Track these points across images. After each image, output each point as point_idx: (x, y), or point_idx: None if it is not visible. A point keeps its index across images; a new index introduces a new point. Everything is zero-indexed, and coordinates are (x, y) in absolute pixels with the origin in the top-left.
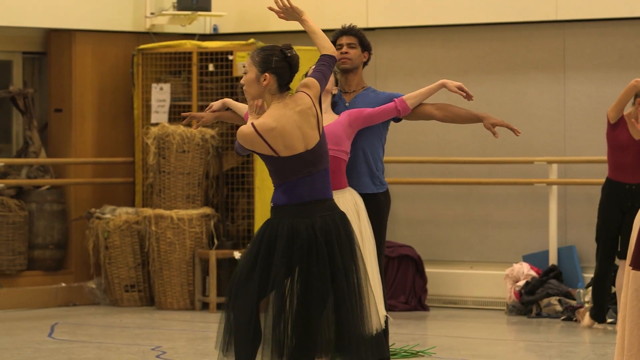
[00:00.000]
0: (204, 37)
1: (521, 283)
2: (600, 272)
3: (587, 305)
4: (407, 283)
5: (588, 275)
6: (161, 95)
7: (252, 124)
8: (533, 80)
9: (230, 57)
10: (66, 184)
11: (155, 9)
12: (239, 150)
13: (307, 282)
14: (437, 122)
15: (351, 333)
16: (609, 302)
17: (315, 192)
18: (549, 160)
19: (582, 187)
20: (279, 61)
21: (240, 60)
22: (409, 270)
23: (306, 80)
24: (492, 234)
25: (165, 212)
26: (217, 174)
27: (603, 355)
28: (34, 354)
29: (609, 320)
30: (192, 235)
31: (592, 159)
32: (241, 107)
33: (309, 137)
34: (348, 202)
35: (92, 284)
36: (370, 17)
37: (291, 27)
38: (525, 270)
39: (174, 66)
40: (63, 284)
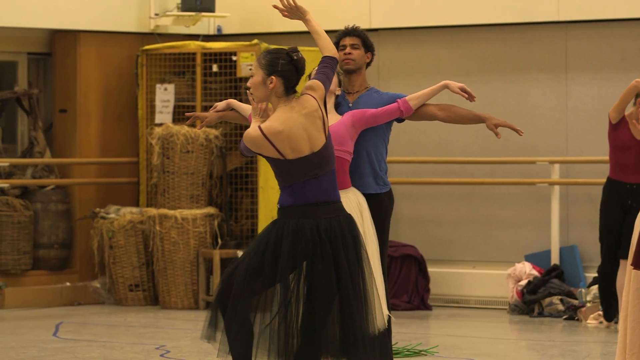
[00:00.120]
0: (207, 37)
1: (523, 282)
2: (603, 271)
3: (589, 304)
4: (409, 282)
5: (590, 275)
6: (165, 95)
7: (259, 127)
8: (535, 81)
9: (234, 58)
10: (71, 184)
11: (159, 10)
12: (244, 152)
13: (312, 283)
14: (439, 122)
15: (356, 334)
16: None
17: (321, 194)
18: (551, 160)
19: (584, 187)
20: (285, 64)
21: (244, 61)
22: (411, 269)
23: (311, 82)
24: (494, 233)
25: (170, 212)
26: (221, 174)
27: (605, 354)
28: (39, 353)
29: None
30: (196, 235)
31: (594, 159)
32: (245, 108)
33: (315, 139)
34: (351, 202)
35: (96, 284)
36: (373, 18)
37: (295, 27)
38: (527, 270)
39: (178, 67)
40: (68, 284)
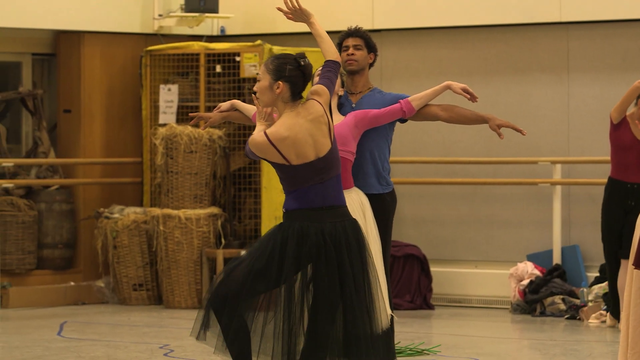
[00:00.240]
0: (211, 38)
1: (525, 282)
2: (611, 272)
3: (591, 304)
4: (412, 282)
5: (591, 274)
6: (169, 96)
7: (265, 132)
8: (537, 82)
9: (237, 59)
10: (75, 184)
11: (163, 10)
12: (250, 155)
13: (315, 286)
14: (442, 123)
15: (359, 336)
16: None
17: (327, 198)
18: (553, 160)
19: (586, 187)
20: (292, 70)
21: (247, 62)
22: (414, 269)
23: (316, 87)
24: (496, 233)
25: (173, 212)
26: (224, 174)
27: (607, 354)
28: (44, 352)
29: None
30: (200, 235)
31: (596, 159)
32: (249, 109)
33: (321, 145)
34: (354, 202)
35: (100, 283)
36: (376, 18)
37: (298, 28)
38: (529, 270)
39: (182, 67)
40: (72, 283)
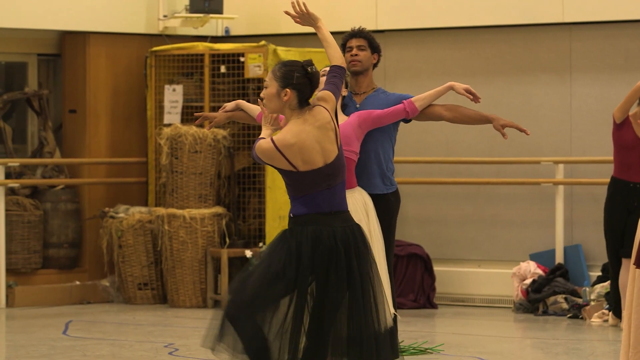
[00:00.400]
0: (215, 39)
1: (528, 281)
2: (614, 271)
3: (593, 303)
4: (415, 281)
5: (594, 274)
6: (174, 96)
7: (272, 139)
8: (540, 82)
9: (241, 59)
10: (80, 184)
11: (168, 11)
12: (257, 160)
13: (324, 289)
14: (445, 123)
15: (363, 337)
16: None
17: (334, 204)
18: (556, 160)
19: (588, 186)
20: (300, 77)
21: (252, 62)
22: (417, 268)
23: (322, 93)
24: (499, 233)
25: (178, 212)
26: (228, 174)
27: (609, 353)
28: (49, 351)
29: None
30: (204, 234)
31: (598, 159)
32: (254, 109)
33: (328, 151)
34: (357, 202)
35: (105, 282)
36: (379, 19)
37: (301, 29)
38: (532, 269)
39: (187, 68)
40: (77, 282)
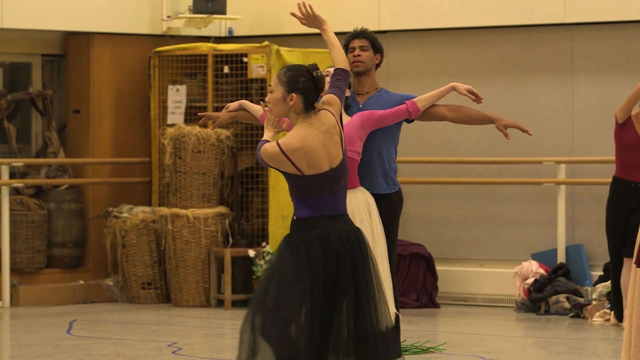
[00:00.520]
0: (219, 39)
1: (530, 281)
2: (615, 271)
3: (595, 302)
4: (418, 281)
5: (595, 273)
6: (177, 96)
7: (277, 143)
8: (542, 82)
9: (245, 59)
10: (84, 184)
11: (171, 12)
12: (261, 163)
13: (333, 290)
14: (448, 123)
15: (368, 336)
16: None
17: (337, 207)
18: (558, 160)
19: (590, 186)
20: (306, 82)
21: (255, 62)
22: (420, 268)
23: (328, 97)
24: (501, 232)
25: (181, 211)
26: (232, 174)
27: (610, 352)
28: (53, 350)
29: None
30: (208, 234)
31: (600, 159)
32: (257, 109)
33: (333, 156)
34: (360, 201)
35: (109, 282)
36: (381, 20)
37: (304, 30)
38: (534, 268)
39: (190, 68)
40: (81, 282)
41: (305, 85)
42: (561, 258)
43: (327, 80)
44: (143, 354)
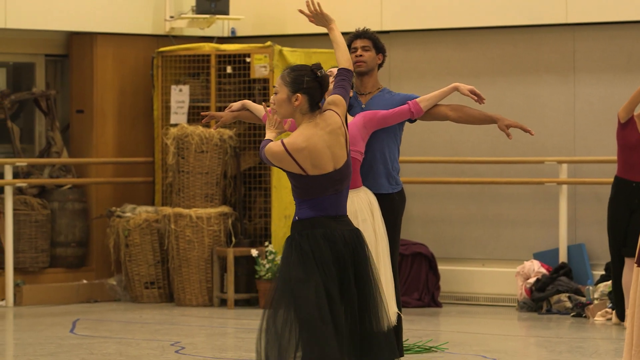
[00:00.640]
0: (222, 39)
1: (532, 280)
2: (616, 270)
3: (597, 302)
4: (420, 280)
5: (597, 273)
6: (180, 96)
7: (282, 142)
8: (544, 82)
9: (247, 60)
10: (87, 184)
11: (174, 12)
12: (265, 161)
13: (340, 289)
14: (450, 123)
15: (369, 337)
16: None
17: (339, 208)
18: (559, 160)
19: (592, 186)
20: (310, 81)
21: (258, 63)
22: (422, 267)
23: (333, 98)
24: (503, 232)
25: (184, 211)
26: (234, 174)
27: (612, 351)
28: (56, 349)
29: None
30: (211, 234)
31: (601, 159)
32: (260, 109)
33: (338, 157)
34: (362, 201)
35: (112, 281)
36: (384, 20)
37: (307, 30)
38: (535, 268)
39: (193, 68)
40: (84, 281)
41: (309, 85)
42: (563, 257)
43: (330, 81)
44: (146, 353)
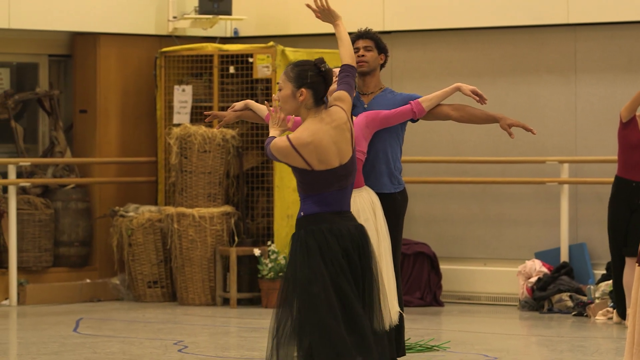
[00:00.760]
0: (224, 40)
1: (533, 279)
2: (616, 270)
3: (598, 301)
4: (422, 279)
5: (598, 272)
6: (183, 96)
7: (288, 137)
8: (545, 82)
9: (250, 60)
10: (91, 183)
11: (177, 13)
12: (270, 157)
13: (348, 283)
14: (452, 122)
15: (372, 333)
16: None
17: (344, 203)
18: (561, 160)
19: (593, 186)
20: (314, 76)
21: (260, 63)
22: (424, 266)
23: (339, 94)
24: (505, 231)
25: (187, 211)
26: (237, 173)
27: (613, 350)
28: (60, 348)
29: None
30: (213, 233)
31: (602, 158)
32: (262, 109)
33: (344, 152)
34: (365, 201)
35: (116, 280)
36: (386, 20)
37: (309, 30)
38: (537, 267)
39: (196, 68)
40: (88, 280)
41: (313, 79)
42: (564, 257)
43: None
44: (149, 352)
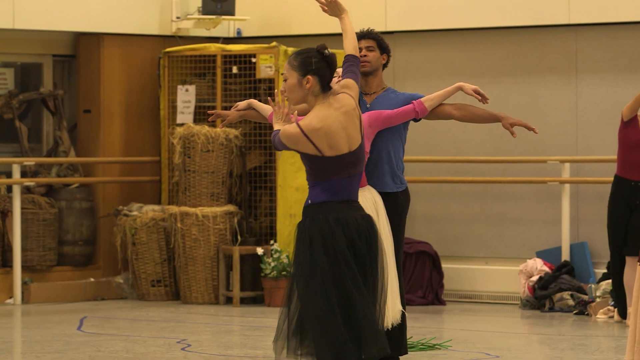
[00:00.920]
0: (228, 40)
1: (535, 278)
2: (616, 269)
3: (599, 299)
4: (424, 278)
5: (599, 271)
6: (186, 96)
7: (297, 123)
8: (546, 82)
9: (253, 60)
10: (95, 182)
11: (180, 13)
12: (279, 147)
13: (352, 273)
14: (454, 122)
15: (374, 328)
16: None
17: (351, 192)
18: (562, 159)
19: (594, 185)
20: (318, 62)
21: (263, 63)
22: (426, 265)
23: (346, 81)
24: (506, 230)
25: (191, 210)
26: (240, 173)
27: (614, 348)
28: (64, 347)
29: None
30: (217, 232)
31: (604, 158)
32: (266, 108)
33: (352, 138)
34: (367, 200)
35: (119, 279)
36: (388, 20)
37: (312, 30)
38: (538, 266)
39: (199, 68)
40: (92, 279)
41: (318, 65)
42: (565, 256)
43: (334, 81)
44: (152, 351)
